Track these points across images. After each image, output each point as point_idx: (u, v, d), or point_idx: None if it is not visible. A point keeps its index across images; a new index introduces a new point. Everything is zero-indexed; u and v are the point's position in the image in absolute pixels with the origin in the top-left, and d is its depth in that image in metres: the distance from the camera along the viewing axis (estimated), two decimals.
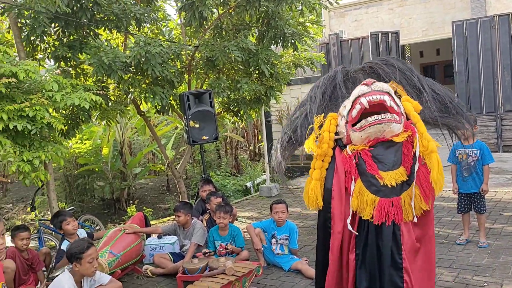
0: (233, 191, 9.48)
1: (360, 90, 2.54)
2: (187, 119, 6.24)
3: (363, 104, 2.49)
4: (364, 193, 2.53)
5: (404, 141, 2.59)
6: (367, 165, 2.54)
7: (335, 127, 2.70)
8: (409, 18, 13.90)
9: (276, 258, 4.78)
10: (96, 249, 3.60)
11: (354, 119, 2.59)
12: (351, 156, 2.60)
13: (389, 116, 2.49)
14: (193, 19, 5.94)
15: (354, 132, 2.57)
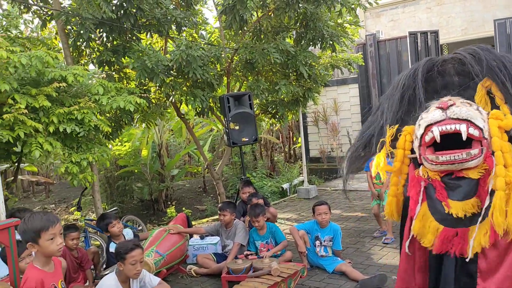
0: (270, 192, 9.50)
1: (433, 117, 2.26)
2: (227, 121, 6.31)
3: (434, 135, 2.23)
4: (427, 219, 2.32)
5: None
6: (437, 190, 2.30)
7: (410, 144, 2.45)
8: (448, 17, 13.59)
9: (320, 260, 4.77)
10: (141, 252, 3.62)
11: (427, 144, 2.30)
12: (421, 179, 2.38)
13: (464, 155, 2.21)
14: (234, 22, 6.01)
15: (426, 162, 2.30)
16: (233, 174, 11.05)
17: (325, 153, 11.95)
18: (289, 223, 6.76)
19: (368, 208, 6.91)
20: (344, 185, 2.83)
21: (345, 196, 2.73)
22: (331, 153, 11.98)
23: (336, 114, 11.84)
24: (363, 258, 5.04)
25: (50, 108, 4.81)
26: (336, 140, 11.72)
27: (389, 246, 5.35)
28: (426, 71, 2.51)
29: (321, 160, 12.11)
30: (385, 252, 5.18)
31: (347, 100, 11.84)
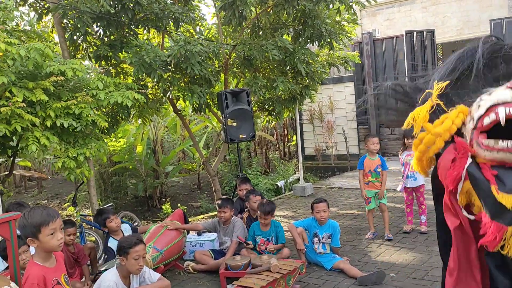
0: (265, 190, 9.49)
1: (502, 96, 1.98)
2: (225, 118, 6.29)
3: (499, 117, 1.96)
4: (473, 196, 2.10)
5: None
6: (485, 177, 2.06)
7: (460, 123, 2.17)
8: (443, 16, 13.66)
9: (318, 257, 4.77)
10: (144, 247, 3.61)
11: (484, 127, 2.03)
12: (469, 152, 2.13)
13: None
14: (233, 18, 5.97)
15: (480, 147, 2.05)
16: (228, 171, 11.03)
17: (320, 151, 11.97)
18: (286, 221, 6.76)
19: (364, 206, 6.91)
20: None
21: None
22: (326, 151, 12.00)
23: (331, 112, 11.87)
24: (360, 256, 5.05)
25: (47, 102, 4.77)
26: (331, 138, 11.74)
27: (386, 243, 5.36)
28: (491, 53, 2.20)
29: (316, 158, 12.13)
30: (382, 249, 5.19)
31: (343, 99, 11.86)
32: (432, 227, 5.72)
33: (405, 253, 5.01)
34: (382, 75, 11.33)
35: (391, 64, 11.19)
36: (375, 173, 5.59)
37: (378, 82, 2.58)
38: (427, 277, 4.31)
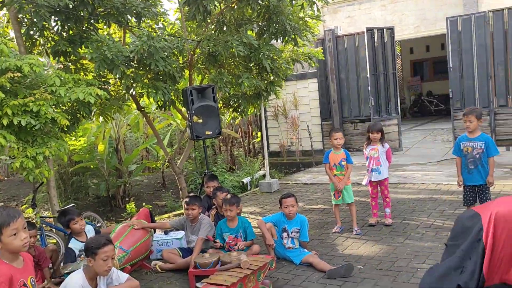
0: (231, 187, 9.45)
1: None
2: (190, 114, 6.20)
3: None
4: None
5: None
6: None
7: None
8: (401, 14, 13.99)
9: (287, 252, 4.78)
10: (113, 248, 3.51)
11: None
12: None
13: None
14: (197, 13, 5.89)
15: None
16: (193, 169, 10.93)
17: (285, 147, 12.03)
18: (253, 217, 6.75)
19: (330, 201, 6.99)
20: None
21: None
22: (290, 147, 12.07)
23: (295, 109, 11.94)
24: (328, 249, 5.10)
25: (3, 99, 4.55)
26: (295, 134, 11.82)
27: (352, 237, 5.44)
28: None
29: (281, 154, 12.18)
30: (350, 242, 5.26)
31: (307, 95, 11.95)
32: (396, 219, 5.85)
33: (371, 245, 5.09)
34: (344, 71, 11.49)
35: (353, 60, 11.35)
36: (340, 167, 5.66)
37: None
38: (393, 267, 4.39)
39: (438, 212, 6.01)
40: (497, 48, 9.97)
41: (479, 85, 10.14)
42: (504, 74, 9.97)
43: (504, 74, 9.97)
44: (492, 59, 10.03)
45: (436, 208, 6.22)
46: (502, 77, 9.99)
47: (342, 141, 5.72)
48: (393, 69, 11.28)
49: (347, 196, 5.66)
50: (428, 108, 19.08)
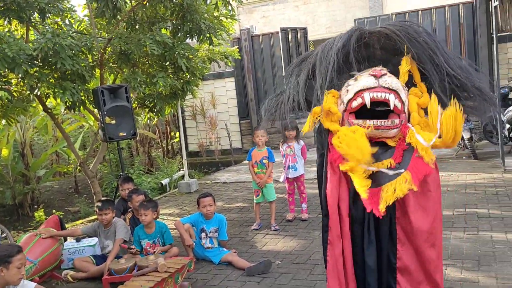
0: (149, 189, 9.23)
1: (366, 83, 2.27)
2: (102, 115, 5.95)
3: (365, 100, 2.27)
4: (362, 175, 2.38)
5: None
6: None
7: (333, 101, 2.45)
8: (314, 15, 14.49)
9: (206, 252, 4.75)
10: (24, 256, 3.34)
11: (353, 109, 2.33)
12: None
13: (389, 123, 2.30)
14: (106, 10, 5.66)
15: (350, 125, 2.35)
16: (108, 172, 10.50)
17: (204, 147, 11.97)
18: (172, 218, 6.64)
19: (249, 199, 7.08)
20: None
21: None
22: (209, 146, 12.04)
23: (213, 108, 11.92)
24: (247, 247, 5.14)
25: None
26: (214, 133, 11.80)
27: (271, 233, 5.53)
28: (356, 40, 2.47)
29: (200, 154, 12.11)
30: (268, 239, 5.35)
31: (224, 94, 11.99)
32: (312, 214, 6.04)
33: (289, 240, 5.22)
34: (261, 70, 11.67)
35: (269, 59, 11.57)
36: (261, 164, 5.73)
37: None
38: (309, 261, 4.53)
39: None
40: None
41: None
42: None
43: None
44: None
45: None
46: None
47: (263, 139, 5.77)
48: None
49: (267, 194, 5.73)
50: None
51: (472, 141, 8.36)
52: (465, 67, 2.46)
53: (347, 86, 2.42)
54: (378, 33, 2.49)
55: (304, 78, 2.60)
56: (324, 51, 2.53)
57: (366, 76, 2.32)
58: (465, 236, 4.70)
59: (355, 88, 2.33)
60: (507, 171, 7.16)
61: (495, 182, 6.64)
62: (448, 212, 5.49)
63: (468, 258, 4.17)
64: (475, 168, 7.73)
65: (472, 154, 8.37)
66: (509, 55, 9.83)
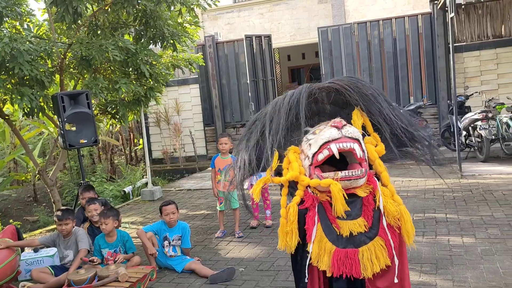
0: (112, 197, 9.06)
1: (331, 135, 2.28)
2: (62, 122, 5.81)
3: (333, 151, 2.27)
4: (323, 240, 2.35)
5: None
6: (327, 212, 2.34)
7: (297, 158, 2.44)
8: (278, 23, 14.63)
9: (169, 260, 4.69)
10: None
11: (319, 162, 2.32)
12: (315, 199, 2.40)
13: (359, 172, 2.30)
14: (66, 15, 5.54)
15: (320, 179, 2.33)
16: (69, 180, 10.25)
17: (168, 154, 11.85)
18: (134, 227, 6.53)
19: (213, 206, 7.05)
20: (245, 203, 2.86)
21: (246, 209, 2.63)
22: (174, 153, 11.93)
23: (178, 114, 11.84)
24: (211, 254, 5.12)
25: None
26: (178, 140, 11.71)
27: (235, 240, 5.52)
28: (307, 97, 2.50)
29: (164, 161, 11.98)
30: (232, 246, 5.33)
31: (189, 100, 11.92)
32: (276, 220, 6.07)
33: (253, 247, 5.22)
34: (226, 77, 11.68)
35: (233, 66, 11.60)
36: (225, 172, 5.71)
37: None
38: (272, 267, 4.55)
39: None
40: (362, 57, 10.91)
41: None
42: (368, 80, 10.94)
43: (368, 80, 10.94)
44: (359, 66, 10.95)
45: None
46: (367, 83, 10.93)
47: (228, 146, 5.72)
48: (272, 75, 11.75)
49: (231, 202, 5.72)
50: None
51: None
52: (408, 117, 2.58)
53: (307, 140, 2.41)
54: (327, 88, 2.54)
55: (255, 139, 2.58)
56: (275, 109, 2.54)
57: (328, 128, 2.33)
58: (424, 240, 4.84)
59: (319, 141, 2.33)
60: (463, 177, 7.42)
61: (453, 187, 6.86)
62: None
63: (426, 261, 4.29)
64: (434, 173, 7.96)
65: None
66: (465, 64, 10.22)
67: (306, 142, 2.43)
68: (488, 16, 9.95)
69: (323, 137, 2.32)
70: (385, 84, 10.89)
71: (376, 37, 10.84)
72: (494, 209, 5.62)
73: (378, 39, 10.83)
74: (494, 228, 4.96)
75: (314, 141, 2.37)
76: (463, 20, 10.08)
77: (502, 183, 6.77)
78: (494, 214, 5.42)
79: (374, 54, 10.86)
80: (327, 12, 14.09)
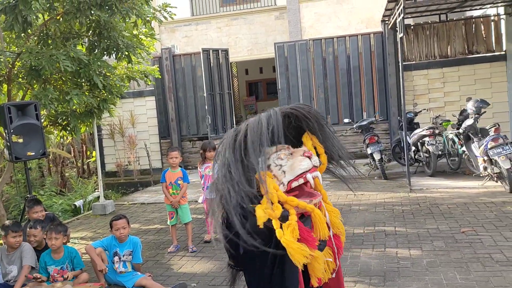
0: (61, 211, 8.76)
1: (308, 166, 2.44)
2: (8, 133, 5.60)
3: (309, 181, 2.44)
4: (312, 250, 2.50)
5: None
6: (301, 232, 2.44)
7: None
8: (236, 37, 14.75)
9: (119, 276, 4.57)
10: None
11: (294, 188, 2.45)
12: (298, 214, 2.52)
13: (320, 198, 2.51)
14: (15, 24, 5.38)
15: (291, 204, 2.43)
16: (15, 194, 9.83)
17: (122, 167, 11.62)
18: (84, 242, 6.33)
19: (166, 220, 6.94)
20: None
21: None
22: (128, 166, 11.71)
23: (133, 127, 11.65)
24: (163, 270, 5.04)
25: None
26: (133, 153, 11.51)
27: (188, 255, 5.47)
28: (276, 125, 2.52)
29: (117, 174, 11.73)
30: (185, 261, 5.28)
31: (144, 113, 11.78)
32: None
33: (206, 262, 5.18)
34: (182, 90, 11.64)
35: (190, 79, 11.58)
36: (176, 185, 5.68)
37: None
38: (225, 282, 4.52)
39: None
40: (317, 72, 11.16)
41: None
42: (323, 96, 11.19)
43: (323, 96, 11.19)
44: (314, 82, 11.18)
45: None
46: (322, 98, 11.20)
47: (178, 160, 5.74)
48: (229, 89, 11.80)
49: (182, 216, 5.69)
50: None
51: (382, 162, 8.90)
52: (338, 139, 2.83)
53: (278, 166, 2.48)
54: (288, 115, 2.62)
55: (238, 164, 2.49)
56: (253, 130, 2.44)
57: (303, 158, 2.45)
58: (373, 253, 4.96)
59: (297, 170, 2.43)
60: (412, 191, 7.68)
61: (402, 201, 7.09)
62: (359, 230, 5.76)
63: (375, 274, 4.39)
64: (384, 187, 8.21)
65: (382, 174, 8.89)
66: (414, 82, 10.64)
67: (279, 168, 2.48)
68: (435, 37, 10.43)
69: (301, 167, 2.43)
70: (339, 100, 11.16)
71: (331, 53, 11.13)
72: (440, 222, 5.85)
73: (333, 55, 11.11)
74: (439, 241, 5.15)
75: (288, 169, 2.45)
76: (412, 40, 10.51)
77: (448, 197, 7.06)
78: (439, 227, 5.63)
79: (329, 70, 11.13)
80: (284, 28, 14.34)
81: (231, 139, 2.49)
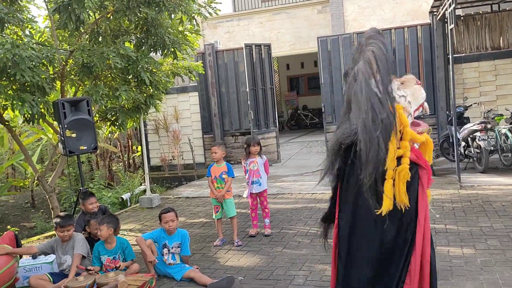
0: (109, 203, 9.04)
1: (423, 94, 2.48)
2: (62, 128, 5.81)
3: (426, 109, 2.52)
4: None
5: None
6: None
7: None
8: (278, 32, 14.71)
9: (168, 268, 4.68)
10: None
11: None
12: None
13: (427, 125, 2.64)
14: (69, 22, 5.56)
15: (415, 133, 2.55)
16: (67, 186, 10.23)
17: (166, 161, 11.84)
18: (132, 234, 6.51)
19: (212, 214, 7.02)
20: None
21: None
22: (172, 161, 11.92)
23: (177, 122, 11.85)
24: (210, 263, 5.10)
25: None
26: (177, 148, 11.71)
27: (234, 249, 5.51)
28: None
29: (162, 168, 11.97)
30: (231, 255, 5.32)
31: (188, 108, 11.94)
32: (274, 229, 6.07)
33: (252, 256, 5.21)
34: (225, 85, 11.72)
35: (233, 75, 11.64)
36: (220, 179, 5.72)
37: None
38: (272, 276, 4.54)
39: (313, 220, 6.36)
40: None
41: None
42: None
43: None
44: None
45: (312, 216, 6.58)
46: None
47: (218, 155, 5.73)
48: (271, 84, 11.78)
49: (227, 210, 5.73)
50: (304, 121, 20.26)
51: None
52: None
53: (403, 97, 2.47)
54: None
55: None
56: (381, 60, 2.38)
57: (419, 87, 2.51)
58: None
59: (420, 99, 2.50)
60: (462, 187, 7.43)
61: (452, 198, 6.87)
62: None
63: None
64: (433, 184, 7.96)
65: None
66: (463, 75, 10.28)
67: (404, 99, 2.47)
68: (486, 27, 10.03)
69: (422, 95, 2.49)
70: None
71: None
72: (493, 220, 5.64)
73: None
74: (494, 239, 4.97)
75: (412, 99, 2.46)
76: (462, 31, 10.15)
77: (501, 194, 6.79)
78: (493, 225, 5.43)
79: None
80: (327, 22, 14.17)
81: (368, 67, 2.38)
